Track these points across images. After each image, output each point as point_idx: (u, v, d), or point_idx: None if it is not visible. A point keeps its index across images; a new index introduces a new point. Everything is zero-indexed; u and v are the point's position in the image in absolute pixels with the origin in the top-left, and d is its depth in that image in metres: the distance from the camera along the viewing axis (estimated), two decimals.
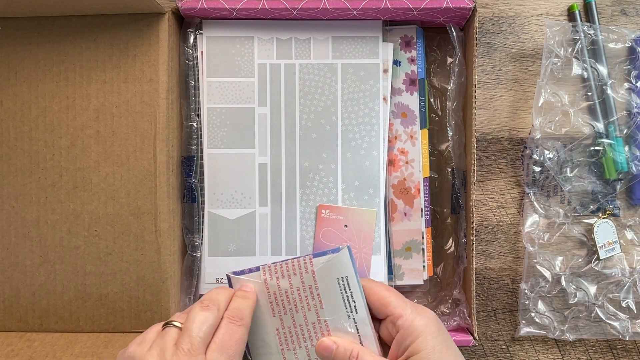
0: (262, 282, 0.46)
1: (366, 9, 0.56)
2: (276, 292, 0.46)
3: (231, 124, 0.59)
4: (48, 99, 0.57)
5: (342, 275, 0.46)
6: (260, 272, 0.46)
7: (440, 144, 0.62)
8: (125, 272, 0.57)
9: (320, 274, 0.46)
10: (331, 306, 0.46)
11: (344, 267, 0.46)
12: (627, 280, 0.60)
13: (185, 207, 0.60)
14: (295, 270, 0.46)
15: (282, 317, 0.46)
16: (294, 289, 0.46)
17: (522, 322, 0.60)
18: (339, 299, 0.46)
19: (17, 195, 0.57)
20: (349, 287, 0.46)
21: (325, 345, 0.44)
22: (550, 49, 0.59)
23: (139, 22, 0.56)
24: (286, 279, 0.46)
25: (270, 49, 0.59)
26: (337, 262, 0.46)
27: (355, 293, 0.46)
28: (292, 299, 0.46)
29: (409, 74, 0.60)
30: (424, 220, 0.60)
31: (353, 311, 0.46)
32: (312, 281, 0.46)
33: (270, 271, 0.46)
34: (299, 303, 0.46)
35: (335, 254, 0.46)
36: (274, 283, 0.46)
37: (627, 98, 0.60)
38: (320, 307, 0.46)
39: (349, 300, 0.46)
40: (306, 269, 0.46)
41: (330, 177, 0.59)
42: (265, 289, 0.46)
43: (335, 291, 0.46)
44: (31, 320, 0.58)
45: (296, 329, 0.46)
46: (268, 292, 0.46)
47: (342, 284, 0.46)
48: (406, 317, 0.43)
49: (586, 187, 0.61)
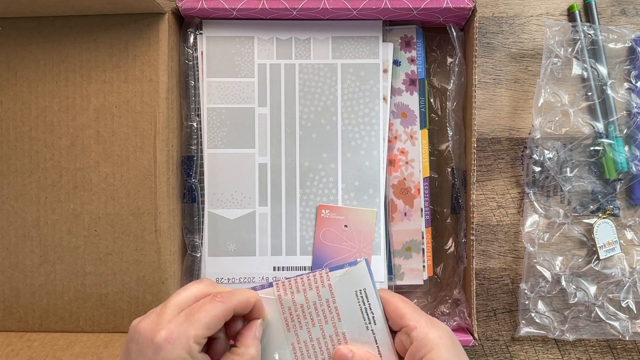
0: (275, 298, 0.46)
1: (366, 9, 0.56)
2: (291, 307, 0.45)
3: (231, 124, 0.59)
4: (48, 99, 0.57)
5: (360, 287, 0.45)
6: (274, 288, 0.46)
7: (440, 144, 0.62)
8: (125, 272, 0.57)
9: (337, 287, 0.45)
10: (349, 318, 0.46)
11: (362, 280, 0.45)
12: (627, 280, 0.60)
13: (185, 207, 0.60)
14: (312, 284, 0.46)
15: (298, 332, 0.46)
16: (310, 303, 0.46)
17: (522, 322, 0.60)
18: (357, 311, 0.45)
19: (17, 195, 0.57)
20: (367, 299, 0.45)
21: (341, 353, 0.45)
22: (550, 49, 0.59)
23: (139, 22, 0.56)
24: (302, 294, 0.46)
25: (270, 49, 0.59)
26: (355, 274, 0.46)
27: (373, 304, 0.45)
28: (308, 313, 0.45)
29: (409, 74, 0.60)
30: (424, 220, 0.60)
31: (371, 322, 0.45)
32: (329, 294, 0.45)
33: (284, 287, 0.46)
34: (316, 317, 0.46)
35: (352, 267, 0.45)
36: (289, 298, 0.45)
37: (627, 98, 0.60)
38: (338, 320, 0.46)
39: (367, 312, 0.45)
40: (322, 283, 0.46)
41: (330, 177, 0.59)
42: (279, 305, 0.46)
43: (353, 303, 0.45)
44: (31, 320, 0.58)
45: (312, 343, 0.46)
46: (282, 308, 0.46)
47: (360, 296, 0.45)
48: (421, 329, 0.43)
49: (586, 187, 0.61)
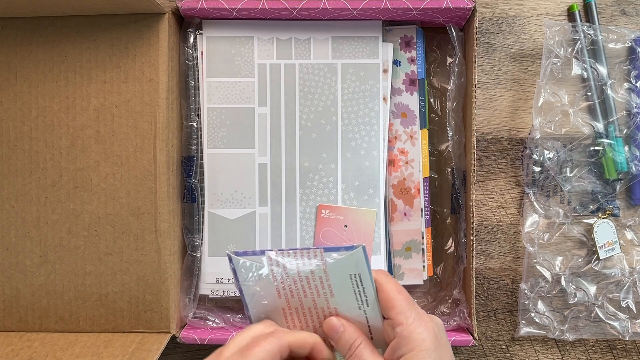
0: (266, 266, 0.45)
1: (366, 9, 0.56)
2: (282, 277, 0.45)
3: (231, 124, 0.59)
4: (48, 99, 0.57)
5: (355, 272, 0.45)
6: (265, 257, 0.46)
7: (440, 144, 0.62)
8: (125, 272, 0.57)
9: (332, 269, 0.45)
10: (342, 296, 0.45)
11: (358, 265, 0.45)
12: (627, 280, 0.60)
13: (185, 207, 0.60)
14: (305, 260, 0.45)
15: (289, 299, 0.45)
16: (303, 277, 0.45)
17: (522, 322, 0.60)
18: (350, 292, 0.45)
19: (17, 195, 0.57)
20: (361, 283, 0.45)
21: (332, 324, 0.44)
22: (550, 49, 0.59)
23: (139, 22, 0.56)
24: (294, 267, 0.45)
25: (270, 49, 0.59)
26: (351, 259, 0.45)
27: (367, 289, 0.45)
28: (300, 285, 0.45)
29: (408, 74, 0.60)
30: (424, 220, 0.60)
31: (364, 304, 0.45)
32: (322, 273, 0.45)
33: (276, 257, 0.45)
34: (308, 290, 0.45)
35: (349, 252, 0.45)
36: (280, 270, 0.45)
37: (627, 98, 0.60)
38: (331, 296, 0.45)
39: (361, 294, 0.45)
40: (316, 261, 0.45)
41: (330, 177, 0.59)
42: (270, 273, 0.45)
43: (347, 285, 0.45)
44: (31, 320, 0.58)
45: (304, 311, 0.46)
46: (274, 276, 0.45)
47: (355, 280, 0.45)
48: (406, 326, 0.42)
49: (586, 187, 0.61)
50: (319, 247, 0.45)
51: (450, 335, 0.56)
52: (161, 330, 0.57)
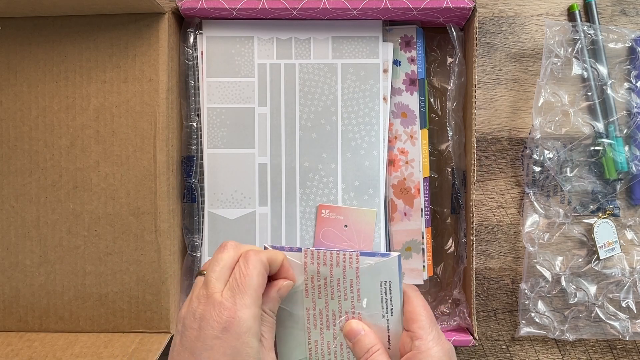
0: (301, 263, 0.46)
1: (366, 8, 0.56)
2: (314, 276, 0.46)
3: (231, 124, 0.59)
4: (48, 99, 0.57)
5: (386, 279, 0.46)
6: (302, 254, 0.46)
7: (440, 144, 0.62)
8: (125, 272, 0.57)
9: (364, 273, 0.46)
10: (368, 302, 0.46)
11: (390, 273, 0.46)
12: (627, 280, 0.60)
13: (185, 207, 0.60)
14: (339, 262, 0.46)
15: (315, 300, 0.46)
16: (334, 279, 0.46)
17: (522, 322, 0.60)
18: (378, 299, 0.46)
19: (17, 195, 0.57)
20: (390, 291, 0.46)
21: (353, 328, 0.45)
22: (550, 48, 0.59)
23: (139, 22, 0.56)
24: (327, 267, 0.46)
25: (270, 48, 0.59)
26: (385, 266, 0.46)
27: (394, 298, 0.46)
28: (330, 286, 0.46)
29: (409, 74, 0.60)
30: (424, 220, 0.60)
31: (388, 313, 0.46)
32: (354, 276, 0.46)
33: (312, 255, 0.46)
34: (337, 292, 0.46)
35: (384, 259, 0.46)
36: (314, 268, 0.46)
37: (627, 98, 0.60)
38: (358, 300, 0.46)
39: (387, 303, 0.46)
40: (350, 264, 0.46)
41: (330, 177, 0.59)
42: (303, 271, 0.46)
43: (376, 291, 0.46)
44: (31, 320, 0.58)
45: (327, 313, 0.46)
46: (305, 274, 0.46)
47: (384, 287, 0.46)
48: (425, 342, 0.43)
49: (586, 187, 0.61)
50: (356, 250, 0.46)
51: (451, 335, 0.56)
52: (161, 330, 0.57)
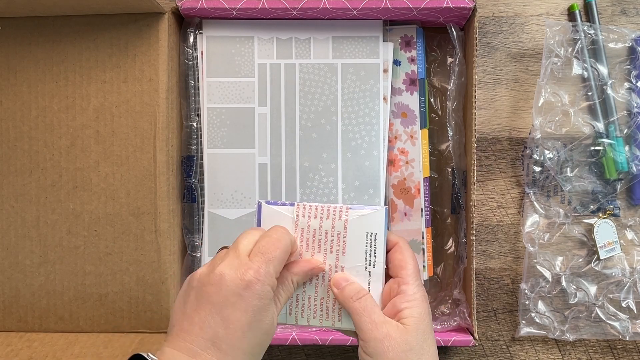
0: (293, 217, 0.47)
1: (366, 8, 0.56)
2: (304, 229, 0.47)
3: (231, 124, 0.59)
4: (48, 99, 0.57)
5: (373, 230, 0.47)
6: (294, 208, 0.47)
7: (440, 144, 0.61)
8: (125, 272, 0.57)
9: (352, 224, 0.47)
10: (352, 255, 0.48)
11: (377, 225, 0.47)
12: (627, 281, 0.60)
13: (185, 207, 0.60)
14: (330, 215, 0.47)
15: (302, 253, 0.47)
16: (322, 231, 0.47)
17: (522, 322, 0.60)
18: (362, 251, 0.47)
19: (17, 195, 0.57)
20: (375, 242, 0.48)
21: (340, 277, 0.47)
22: (550, 48, 0.59)
23: (138, 22, 0.56)
24: (318, 220, 0.47)
25: (270, 48, 0.59)
26: (372, 218, 0.48)
27: (378, 250, 0.47)
28: (317, 239, 0.47)
29: (409, 74, 0.60)
30: (424, 220, 0.60)
31: (371, 265, 0.47)
32: (342, 228, 0.47)
33: (304, 209, 0.47)
34: (323, 245, 0.47)
35: (372, 210, 0.47)
36: (305, 221, 0.47)
37: (627, 98, 0.60)
38: (342, 254, 0.47)
39: (371, 255, 0.47)
40: (340, 217, 0.47)
41: (330, 177, 0.59)
42: (294, 225, 0.47)
43: (361, 243, 0.47)
44: (31, 320, 0.58)
45: None
46: (296, 228, 0.47)
47: (370, 239, 0.47)
48: (412, 287, 0.46)
49: (586, 187, 0.60)
50: (348, 205, 0.48)
51: (451, 335, 0.56)
52: (161, 330, 0.57)
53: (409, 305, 0.45)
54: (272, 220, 0.47)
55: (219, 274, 0.41)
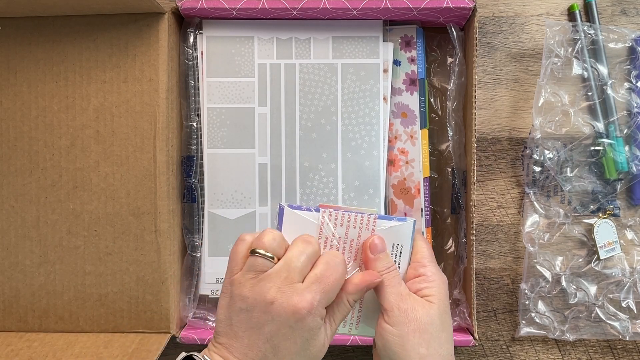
0: (318, 223, 0.46)
1: (366, 8, 0.56)
2: (329, 236, 0.46)
3: (231, 124, 0.59)
4: (48, 99, 0.57)
5: (399, 242, 0.47)
6: (320, 214, 0.46)
7: (440, 144, 0.61)
8: (125, 272, 0.57)
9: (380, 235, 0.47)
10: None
11: (404, 236, 0.47)
12: (628, 281, 0.60)
13: (185, 207, 0.60)
14: (357, 224, 0.47)
15: None
16: (348, 239, 0.47)
17: (522, 322, 0.60)
18: None
19: (17, 195, 0.57)
20: (400, 254, 0.47)
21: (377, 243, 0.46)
22: (550, 48, 0.59)
23: (138, 22, 0.56)
24: (344, 228, 0.47)
25: (270, 48, 0.59)
26: (400, 230, 0.47)
27: (403, 261, 0.47)
28: (342, 247, 0.47)
29: (409, 74, 0.60)
30: (424, 220, 0.60)
31: None
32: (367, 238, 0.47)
33: (329, 216, 0.46)
34: (347, 253, 0.47)
35: (400, 223, 0.47)
36: (330, 228, 0.46)
37: (627, 98, 0.60)
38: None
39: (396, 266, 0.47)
40: (367, 227, 0.47)
41: (330, 177, 0.59)
42: (318, 231, 0.46)
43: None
44: (31, 320, 0.58)
45: None
46: (320, 235, 0.46)
47: (395, 250, 0.47)
48: (430, 268, 0.47)
49: (586, 187, 0.60)
50: (374, 213, 0.47)
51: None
52: (161, 330, 0.57)
53: (429, 285, 0.46)
54: (294, 226, 0.46)
55: (270, 301, 0.40)
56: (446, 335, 0.45)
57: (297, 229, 0.46)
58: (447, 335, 0.45)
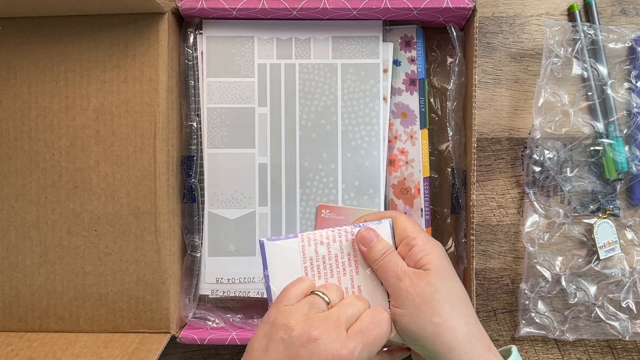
0: (299, 248, 0.47)
1: (366, 8, 0.56)
2: (313, 257, 0.47)
3: (231, 124, 0.59)
4: (48, 99, 0.57)
5: None
6: (298, 239, 0.47)
7: (440, 144, 0.62)
8: (125, 272, 0.57)
9: None
10: (366, 273, 0.48)
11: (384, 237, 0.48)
12: (627, 281, 0.60)
13: (185, 207, 0.60)
14: (336, 238, 0.47)
15: (315, 281, 0.47)
16: (332, 256, 0.47)
17: (522, 322, 0.60)
18: None
19: (17, 195, 0.57)
20: None
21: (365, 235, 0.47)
22: (550, 48, 0.59)
23: (138, 22, 0.56)
24: (325, 246, 0.47)
25: (270, 48, 0.59)
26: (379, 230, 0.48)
27: None
28: (328, 264, 0.47)
29: (409, 74, 0.60)
30: (424, 220, 0.60)
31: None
32: (350, 248, 0.48)
33: (309, 239, 0.47)
34: (335, 268, 0.47)
35: (377, 226, 0.48)
36: (312, 249, 0.47)
37: (627, 98, 0.60)
38: (356, 273, 0.47)
39: None
40: (346, 238, 0.47)
41: (330, 177, 0.59)
42: (301, 255, 0.47)
43: None
44: (31, 320, 0.58)
45: None
46: (304, 258, 0.47)
47: None
48: (421, 239, 0.47)
49: (586, 187, 0.61)
50: (352, 225, 0.48)
51: None
52: (161, 330, 0.57)
53: (424, 254, 0.46)
54: (279, 257, 0.47)
55: (315, 338, 0.40)
56: (457, 296, 0.45)
57: (281, 259, 0.47)
58: (457, 296, 0.45)
